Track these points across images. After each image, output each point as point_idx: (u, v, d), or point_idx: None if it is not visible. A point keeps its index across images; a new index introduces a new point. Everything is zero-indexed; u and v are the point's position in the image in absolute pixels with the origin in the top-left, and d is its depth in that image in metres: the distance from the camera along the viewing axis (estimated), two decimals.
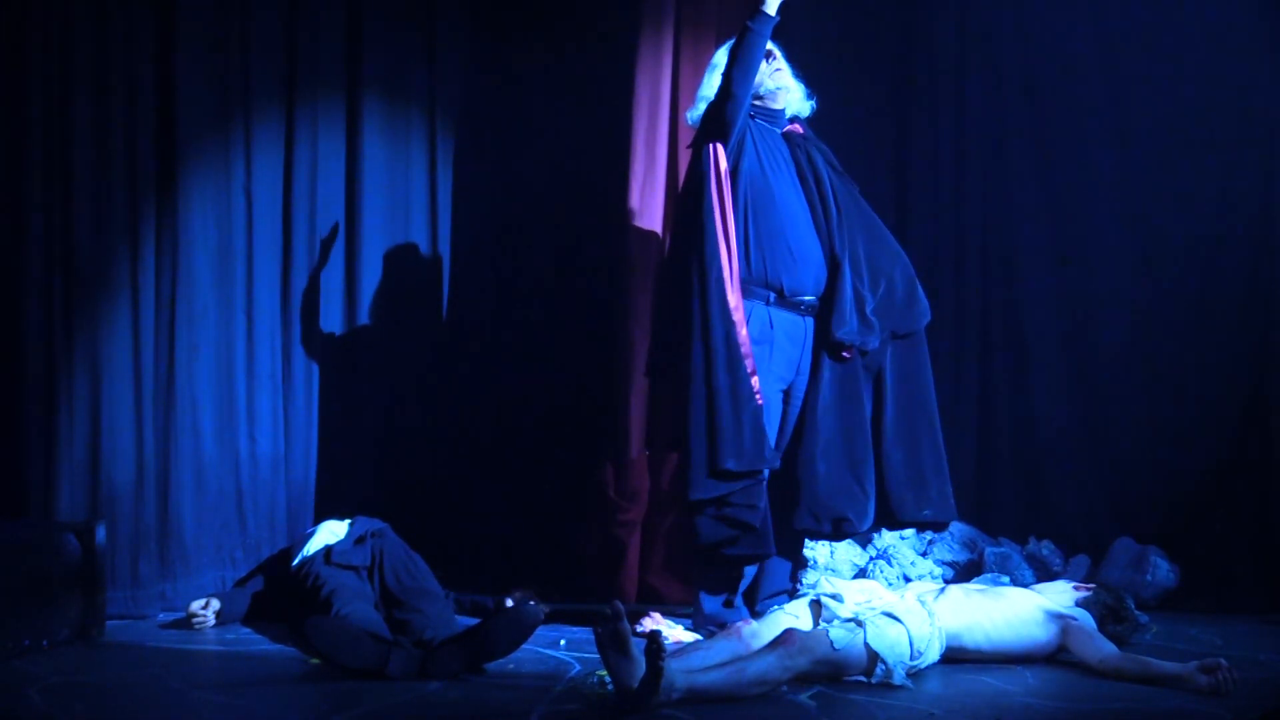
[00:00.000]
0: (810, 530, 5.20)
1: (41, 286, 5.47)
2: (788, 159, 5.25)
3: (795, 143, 5.30)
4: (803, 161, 5.26)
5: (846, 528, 5.13)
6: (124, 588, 5.48)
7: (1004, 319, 6.83)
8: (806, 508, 5.07)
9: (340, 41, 6.29)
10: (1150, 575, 5.95)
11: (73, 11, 5.54)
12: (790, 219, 5.14)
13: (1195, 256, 6.59)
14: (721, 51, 5.32)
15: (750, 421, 4.94)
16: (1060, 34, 6.78)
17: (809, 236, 5.16)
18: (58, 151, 5.51)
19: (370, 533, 5.35)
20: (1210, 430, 6.48)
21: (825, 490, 5.07)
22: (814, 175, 5.24)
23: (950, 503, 5.26)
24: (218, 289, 5.87)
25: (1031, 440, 6.79)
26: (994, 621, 4.58)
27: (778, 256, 5.09)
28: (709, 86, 5.27)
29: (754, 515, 4.97)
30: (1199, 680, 4.21)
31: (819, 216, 5.19)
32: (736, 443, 4.92)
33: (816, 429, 5.10)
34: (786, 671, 4.12)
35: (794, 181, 5.22)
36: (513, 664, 4.51)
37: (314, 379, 6.17)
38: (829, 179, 5.25)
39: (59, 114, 5.50)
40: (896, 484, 5.17)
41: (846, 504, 5.09)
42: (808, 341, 5.17)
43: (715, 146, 5.06)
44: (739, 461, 4.92)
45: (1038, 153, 6.83)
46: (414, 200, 6.50)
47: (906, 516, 5.22)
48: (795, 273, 5.10)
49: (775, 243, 5.10)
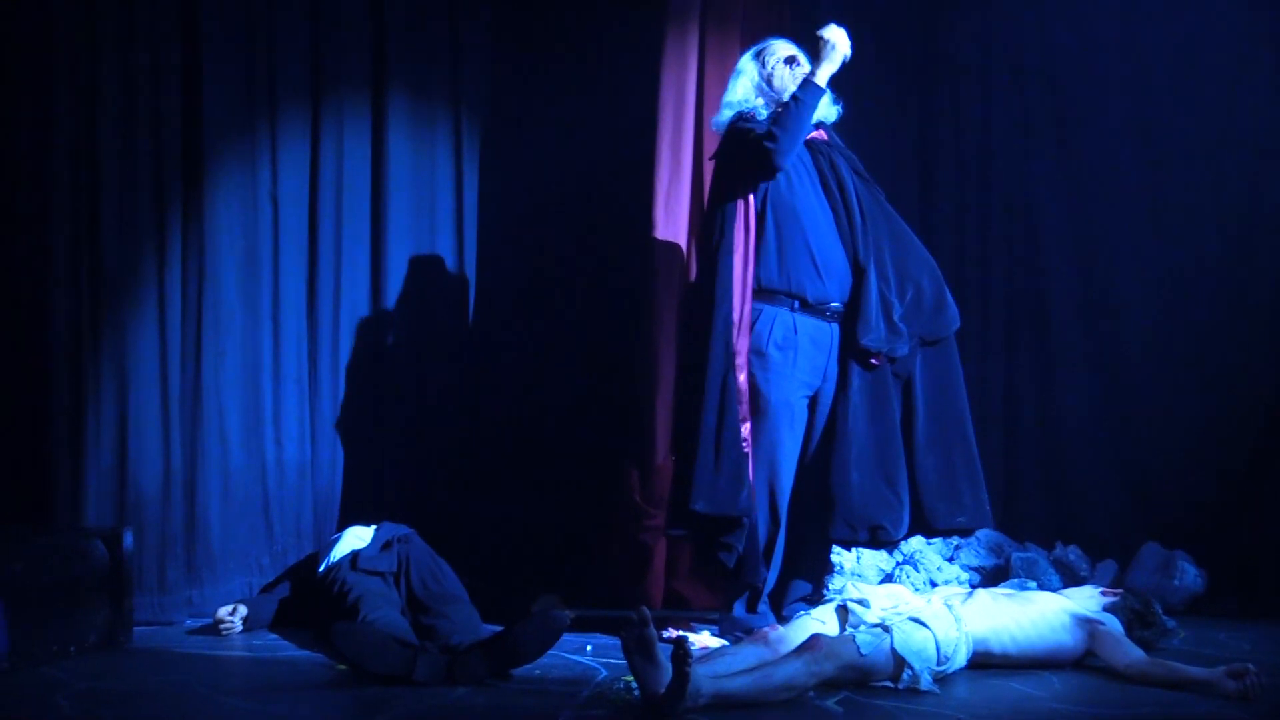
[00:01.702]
0: (847, 540, 5.24)
1: (68, 293, 5.49)
2: (810, 167, 5.25)
3: (818, 149, 5.29)
4: (825, 168, 5.26)
5: (882, 535, 5.14)
6: (151, 594, 5.50)
7: (1030, 322, 6.82)
8: (842, 518, 5.09)
9: (366, 40, 6.26)
10: (1178, 580, 5.93)
11: (98, 8, 5.58)
12: (813, 228, 5.15)
13: (1221, 258, 6.57)
14: (747, 58, 5.34)
15: (729, 468, 5.00)
16: (1084, 34, 6.77)
17: (833, 244, 5.17)
18: (84, 156, 5.54)
19: (396, 538, 5.36)
20: (1237, 432, 6.45)
21: (860, 499, 5.08)
22: (837, 182, 5.24)
23: (986, 509, 5.27)
24: (244, 294, 5.89)
25: (1058, 444, 6.77)
26: (1021, 626, 4.56)
27: (801, 266, 5.11)
28: (734, 93, 5.30)
29: (728, 557, 5.07)
30: (1227, 685, 4.19)
31: (843, 224, 5.20)
32: (711, 486, 4.99)
33: (848, 437, 5.11)
34: (813, 677, 4.12)
35: (817, 189, 5.23)
36: (539, 670, 4.51)
37: (340, 384, 6.17)
38: (853, 185, 5.25)
39: (85, 120, 5.53)
40: (930, 491, 5.18)
41: (882, 512, 5.10)
42: (834, 348, 5.18)
43: (744, 202, 5.12)
44: (710, 505, 4.99)
45: (1060, 151, 6.83)
46: (439, 202, 6.47)
47: (941, 524, 5.22)
48: (819, 282, 5.12)
49: (798, 253, 5.11)
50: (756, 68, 5.32)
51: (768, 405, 5.10)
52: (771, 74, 5.29)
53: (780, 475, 5.13)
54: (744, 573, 5.13)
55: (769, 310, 5.11)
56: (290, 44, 6.07)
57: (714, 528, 5.07)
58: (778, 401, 5.10)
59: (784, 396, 5.11)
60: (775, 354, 5.09)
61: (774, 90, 5.27)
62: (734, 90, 5.31)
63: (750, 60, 5.34)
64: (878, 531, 5.12)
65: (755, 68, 5.33)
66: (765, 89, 5.29)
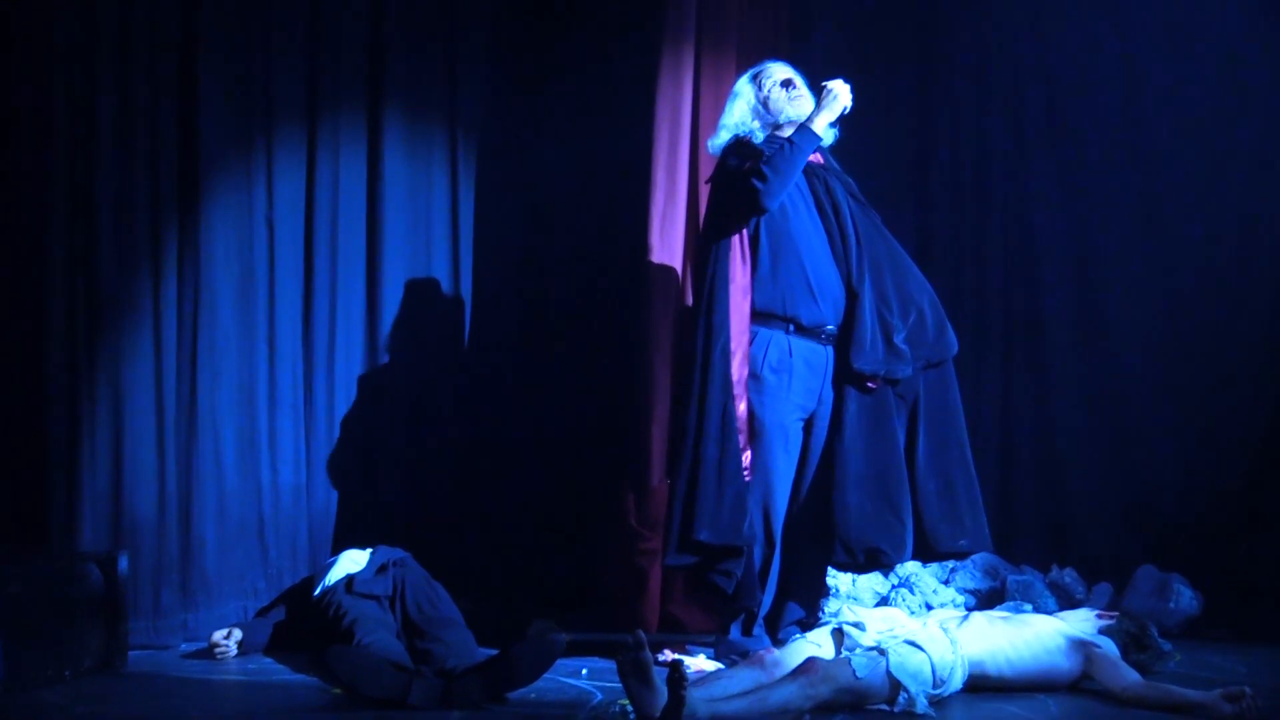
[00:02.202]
0: (844, 564, 5.25)
1: (64, 315, 5.50)
2: (806, 191, 5.25)
3: (814, 173, 5.29)
4: (821, 192, 5.26)
5: (881, 559, 5.15)
6: (146, 618, 5.50)
7: (1026, 343, 6.84)
8: (840, 542, 5.09)
9: (363, 61, 6.27)
10: (1173, 603, 5.93)
11: (95, 18, 5.59)
12: (808, 251, 5.16)
13: (1217, 276, 6.60)
14: (744, 80, 5.36)
15: (732, 497, 5.01)
16: (1080, 40, 6.81)
17: (828, 268, 5.17)
18: (81, 177, 5.54)
19: (392, 562, 5.35)
20: (1233, 455, 6.47)
21: (857, 522, 5.09)
22: (833, 206, 5.24)
23: (985, 532, 5.28)
24: (239, 317, 5.89)
25: (1054, 467, 6.79)
26: (1017, 649, 4.56)
27: (795, 290, 5.12)
28: (730, 115, 5.32)
29: (727, 582, 5.08)
30: (1223, 708, 4.18)
31: (837, 248, 5.20)
32: (715, 516, 5.00)
33: (845, 461, 5.12)
34: (809, 700, 4.11)
35: (812, 213, 5.23)
36: (534, 693, 4.50)
37: (336, 407, 6.17)
38: (849, 209, 5.26)
39: (82, 143, 5.54)
40: (932, 514, 5.18)
41: (880, 535, 5.10)
42: (828, 371, 5.18)
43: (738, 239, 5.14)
44: (714, 534, 5.00)
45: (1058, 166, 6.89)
46: (435, 224, 6.45)
47: (944, 546, 5.23)
48: (814, 305, 5.13)
49: (793, 276, 5.12)
50: (753, 90, 5.33)
51: (762, 428, 5.10)
52: (768, 97, 5.30)
53: (775, 498, 5.13)
54: (740, 596, 5.13)
55: (764, 333, 5.12)
56: (288, 63, 6.07)
57: (714, 555, 5.07)
58: (772, 424, 5.11)
59: (778, 419, 5.12)
60: (770, 377, 5.10)
61: (770, 113, 5.29)
62: (730, 113, 5.33)
63: (747, 83, 5.35)
64: (876, 555, 5.11)
65: (752, 90, 5.34)
66: (761, 112, 5.30)
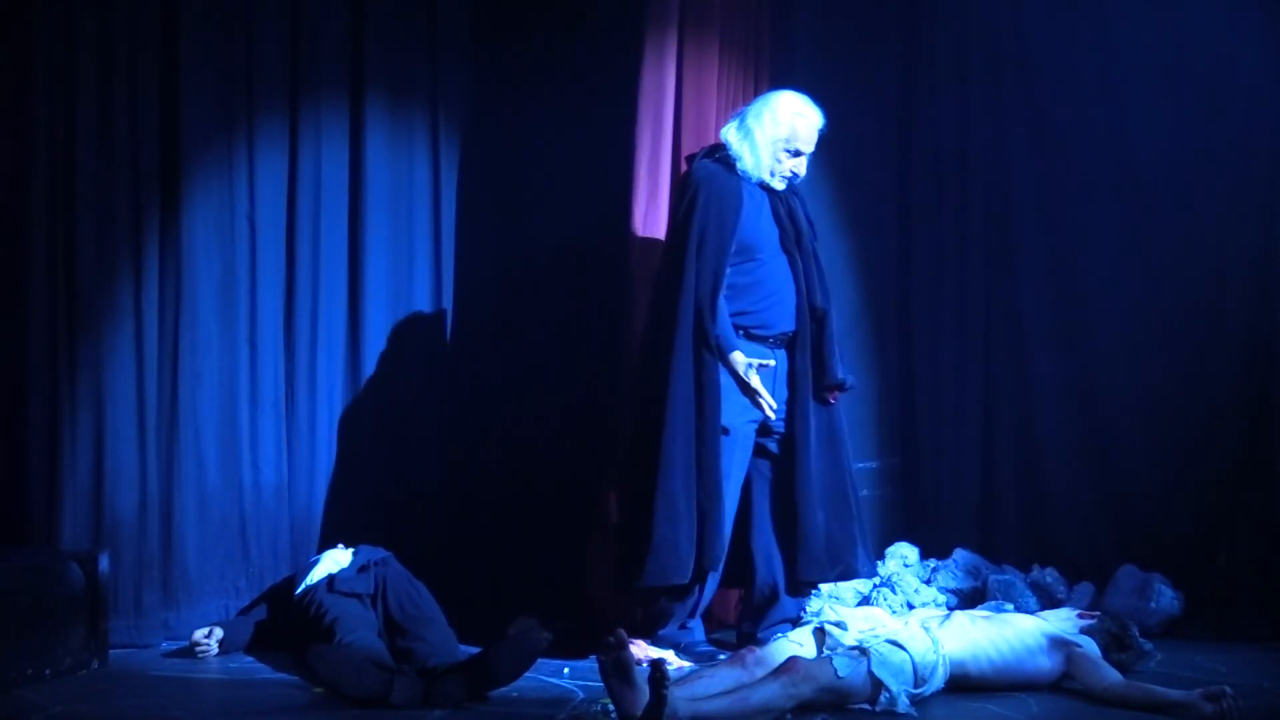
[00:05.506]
0: (817, 578, 5.43)
1: (45, 314, 5.46)
2: (768, 209, 5.37)
3: (776, 194, 5.40)
4: (781, 213, 5.37)
5: (849, 574, 5.44)
6: (127, 616, 5.47)
7: (1007, 345, 6.86)
8: (812, 557, 5.26)
9: (345, 44, 6.20)
10: (1154, 602, 5.94)
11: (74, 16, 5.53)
12: (769, 263, 5.31)
13: (1199, 280, 6.59)
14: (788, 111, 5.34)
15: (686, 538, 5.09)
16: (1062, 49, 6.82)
17: (785, 281, 5.32)
18: (60, 177, 5.50)
19: (374, 561, 5.34)
20: (1214, 456, 6.48)
21: (828, 537, 5.28)
22: (793, 224, 5.37)
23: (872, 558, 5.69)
24: (221, 316, 5.85)
25: (1035, 467, 6.80)
26: (998, 648, 4.58)
27: (752, 298, 5.27)
28: (748, 131, 5.34)
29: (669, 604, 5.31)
30: (1203, 708, 4.20)
31: (796, 265, 5.34)
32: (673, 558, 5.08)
33: (809, 475, 5.27)
34: (790, 699, 4.12)
35: (772, 229, 5.35)
36: (516, 692, 4.51)
37: (317, 406, 6.13)
38: (808, 232, 5.40)
39: (64, 142, 5.50)
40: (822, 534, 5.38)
41: (847, 549, 5.33)
42: (780, 375, 5.30)
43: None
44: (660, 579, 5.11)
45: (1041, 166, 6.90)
46: (417, 220, 6.41)
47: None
48: (769, 312, 5.28)
49: (750, 284, 5.27)
50: (781, 135, 5.32)
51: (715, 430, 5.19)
52: (774, 142, 5.32)
53: (724, 500, 5.19)
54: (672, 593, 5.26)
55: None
56: (268, 57, 5.99)
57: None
58: (727, 425, 5.19)
59: (731, 421, 5.21)
60: (724, 380, 5.18)
61: (767, 158, 5.33)
62: (749, 128, 5.35)
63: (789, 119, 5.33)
64: (847, 570, 5.39)
65: (781, 132, 5.32)
66: (768, 150, 5.31)
